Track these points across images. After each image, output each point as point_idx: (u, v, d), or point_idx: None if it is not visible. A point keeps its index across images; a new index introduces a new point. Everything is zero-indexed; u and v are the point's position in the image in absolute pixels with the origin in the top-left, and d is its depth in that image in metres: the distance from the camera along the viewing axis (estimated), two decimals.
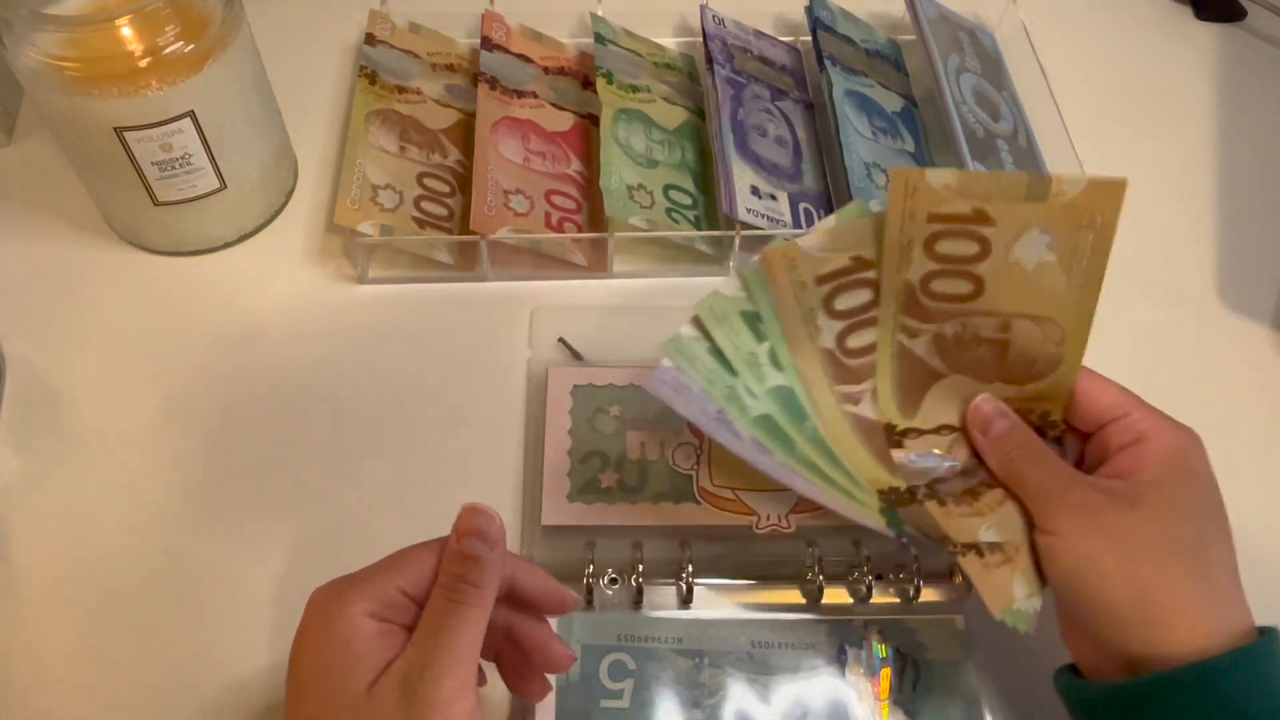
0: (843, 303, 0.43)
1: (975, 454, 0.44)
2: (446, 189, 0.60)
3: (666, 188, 0.60)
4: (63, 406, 0.53)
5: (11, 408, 0.53)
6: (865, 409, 0.44)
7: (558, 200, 0.60)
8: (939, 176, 0.39)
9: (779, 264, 0.42)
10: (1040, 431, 0.43)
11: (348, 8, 0.71)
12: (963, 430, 0.44)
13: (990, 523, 0.41)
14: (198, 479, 0.51)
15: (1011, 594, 0.40)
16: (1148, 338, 0.59)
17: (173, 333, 0.56)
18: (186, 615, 0.47)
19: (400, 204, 0.58)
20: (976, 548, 0.41)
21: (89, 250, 0.59)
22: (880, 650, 0.46)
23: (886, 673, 0.46)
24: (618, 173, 0.58)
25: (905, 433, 0.45)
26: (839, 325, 0.43)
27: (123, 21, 0.49)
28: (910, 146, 0.64)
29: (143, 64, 0.49)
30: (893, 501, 0.43)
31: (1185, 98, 0.71)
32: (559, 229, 0.58)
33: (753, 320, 0.43)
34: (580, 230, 0.59)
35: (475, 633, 0.34)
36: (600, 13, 0.68)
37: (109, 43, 0.49)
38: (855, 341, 0.44)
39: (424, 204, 0.59)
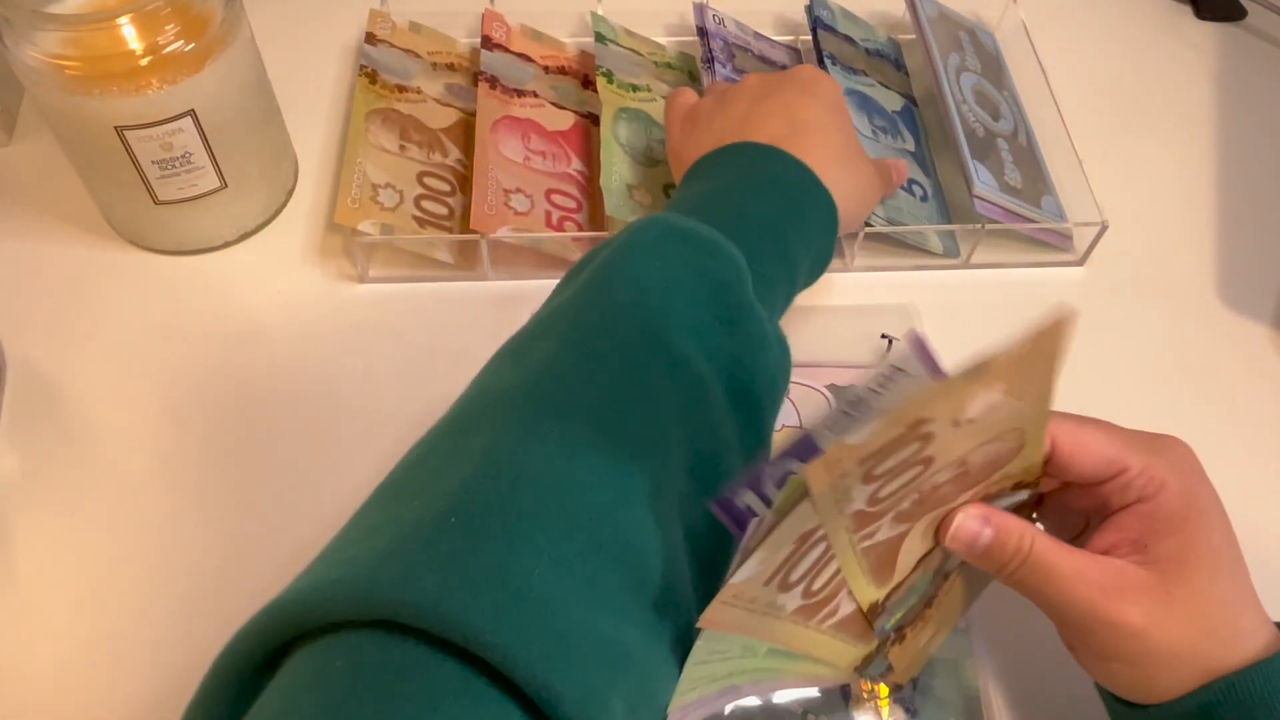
0: (797, 572, 0.35)
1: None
2: (447, 188, 0.60)
3: (666, 187, 0.60)
4: (63, 406, 0.53)
5: (11, 408, 0.53)
6: (844, 610, 0.38)
7: (558, 199, 0.60)
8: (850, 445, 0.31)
9: (729, 617, 0.36)
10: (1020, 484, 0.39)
11: (348, 8, 0.70)
12: (936, 547, 0.38)
13: (934, 627, 0.41)
14: (197, 478, 0.51)
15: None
16: (1148, 338, 0.59)
17: (173, 332, 0.56)
18: (186, 614, 0.47)
19: (400, 203, 0.58)
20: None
21: (89, 250, 0.59)
22: None
23: None
24: (618, 172, 0.58)
25: (886, 599, 0.39)
26: (798, 589, 0.36)
27: (123, 21, 0.49)
28: (910, 145, 0.64)
29: (143, 63, 0.49)
30: (862, 666, 0.41)
31: (1185, 98, 0.71)
32: (559, 228, 0.58)
33: (729, 650, 0.38)
34: (580, 230, 0.59)
35: None
36: (600, 12, 0.68)
37: (109, 42, 0.49)
38: (818, 583, 0.36)
39: (424, 203, 0.59)
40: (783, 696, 0.45)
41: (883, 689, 0.45)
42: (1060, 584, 0.35)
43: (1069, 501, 0.39)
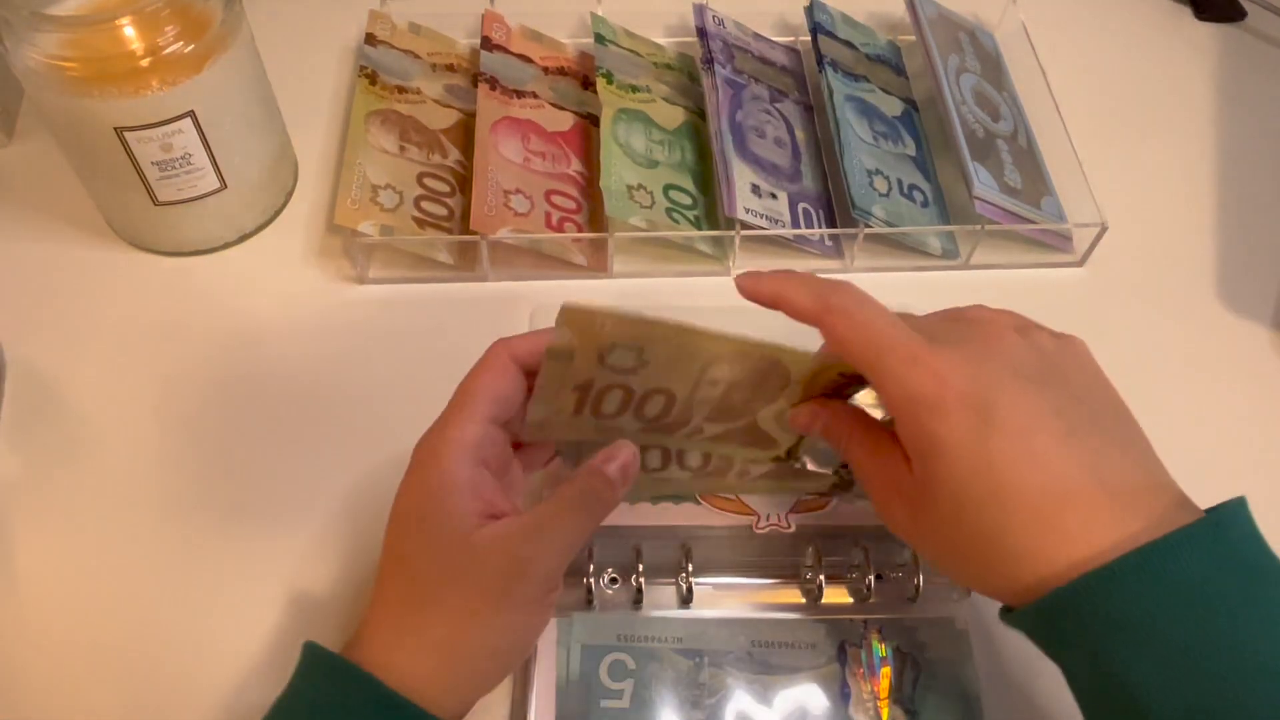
0: (608, 407, 0.42)
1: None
2: (446, 189, 0.60)
3: (666, 188, 0.60)
4: (63, 406, 0.53)
5: (11, 408, 0.53)
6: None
7: (558, 200, 0.60)
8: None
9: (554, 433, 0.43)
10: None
11: (348, 8, 0.71)
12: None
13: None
14: (197, 478, 0.51)
15: None
16: (1148, 338, 0.59)
17: (173, 333, 0.56)
18: (187, 614, 0.47)
19: (400, 204, 0.58)
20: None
21: (89, 250, 0.59)
22: (880, 649, 0.46)
23: (886, 672, 0.46)
24: (618, 173, 0.58)
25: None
26: (628, 415, 0.42)
27: (123, 21, 0.49)
28: (911, 150, 0.64)
29: (143, 64, 0.49)
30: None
31: (1185, 98, 0.71)
32: (559, 229, 0.58)
33: None
34: (580, 230, 0.59)
35: (590, 530, 0.39)
36: (600, 13, 0.68)
37: (109, 43, 0.49)
38: (651, 410, 0.42)
39: (424, 204, 0.59)
40: (780, 698, 0.45)
41: (883, 688, 0.45)
42: (863, 477, 0.40)
43: None
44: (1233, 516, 0.34)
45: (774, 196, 0.59)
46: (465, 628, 0.37)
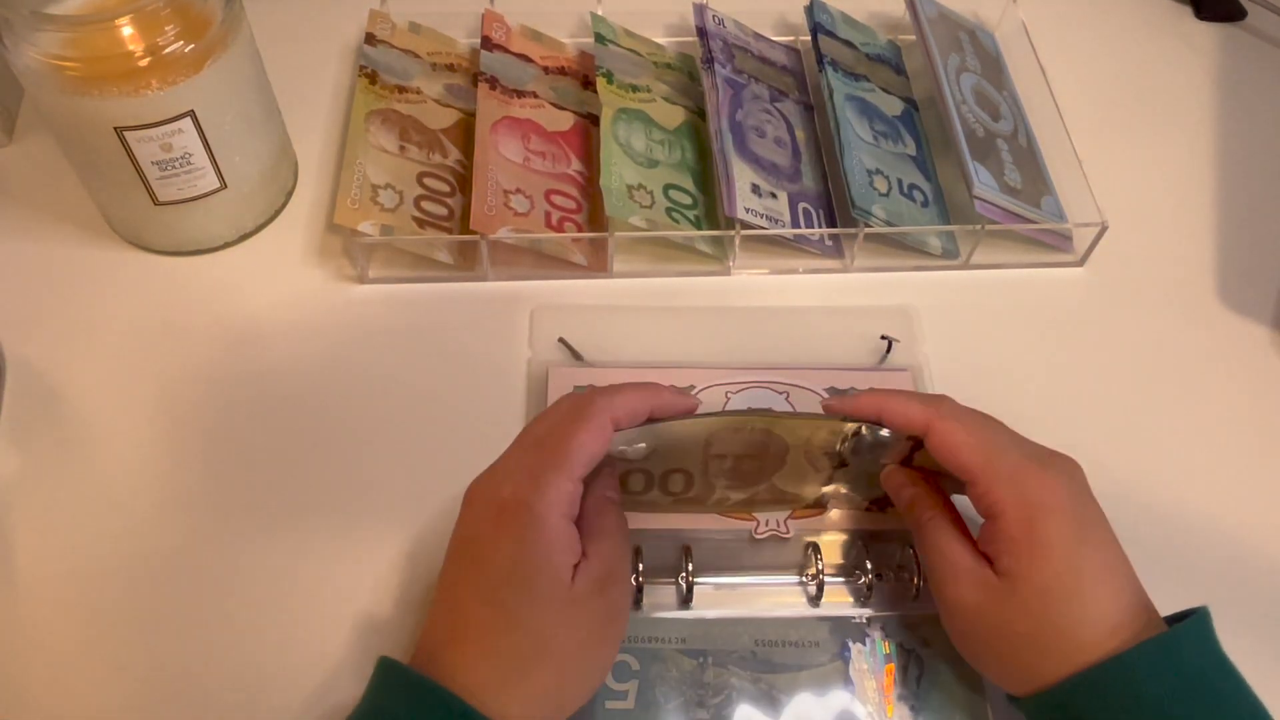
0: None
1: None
2: (446, 189, 0.60)
3: (666, 187, 0.60)
4: (63, 406, 0.53)
5: (11, 408, 0.53)
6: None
7: (558, 200, 0.60)
8: None
9: None
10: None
11: (348, 8, 0.71)
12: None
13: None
14: (197, 478, 0.51)
15: None
16: (1148, 338, 0.59)
17: (173, 333, 0.56)
18: (187, 614, 0.47)
19: (400, 204, 0.58)
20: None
21: (89, 250, 0.59)
22: (883, 646, 0.46)
23: (890, 669, 0.46)
24: (618, 172, 0.58)
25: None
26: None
27: (123, 21, 0.49)
28: (911, 150, 0.64)
29: (143, 64, 0.49)
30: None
31: (1185, 98, 0.71)
32: (559, 229, 0.58)
33: None
34: (580, 230, 0.59)
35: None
36: (600, 13, 0.68)
37: (109, 43, 0.49)
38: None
39: (424, 204, 0.59)
40: (785, 697, 0.45)
41: (888, 684, 0.45)
42: (934, 555, 0.43)
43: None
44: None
45: (774, 196, 0.59)
46: (573, 673, 0.39)
